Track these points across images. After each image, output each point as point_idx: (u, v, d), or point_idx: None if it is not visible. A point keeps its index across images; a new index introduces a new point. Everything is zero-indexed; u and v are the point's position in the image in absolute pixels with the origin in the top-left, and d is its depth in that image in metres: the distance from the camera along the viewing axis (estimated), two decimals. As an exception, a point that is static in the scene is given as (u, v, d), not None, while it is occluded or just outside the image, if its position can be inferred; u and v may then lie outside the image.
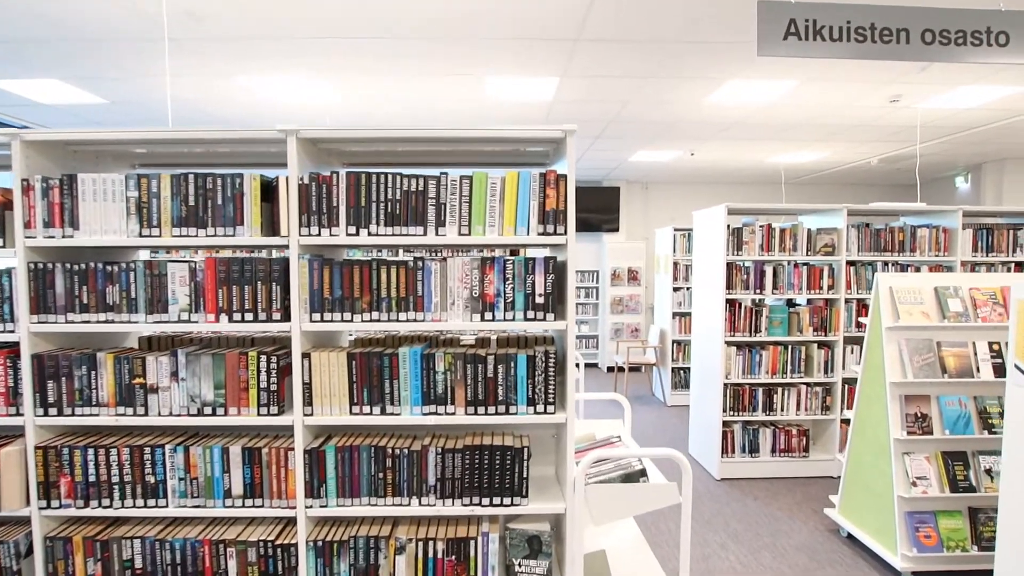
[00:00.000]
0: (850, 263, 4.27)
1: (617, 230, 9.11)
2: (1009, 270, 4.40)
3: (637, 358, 6.98)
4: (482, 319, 1.88)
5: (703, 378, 4.57)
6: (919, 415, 2.93)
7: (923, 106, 4.78)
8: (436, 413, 1.89)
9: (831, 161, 7.37)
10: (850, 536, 3.33)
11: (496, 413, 1.88)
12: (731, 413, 4.26)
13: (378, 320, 1.87)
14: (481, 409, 1.88)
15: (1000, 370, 2.96)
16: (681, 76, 4.11)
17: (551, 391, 1.88)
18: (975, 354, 2.98)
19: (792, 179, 8.92)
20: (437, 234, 1.86)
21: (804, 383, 4.30)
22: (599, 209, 9.07)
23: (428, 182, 1.85)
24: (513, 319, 1.88)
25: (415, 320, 1.88)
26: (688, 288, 6.65)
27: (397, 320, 1.88)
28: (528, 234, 1.85)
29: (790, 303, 4.48)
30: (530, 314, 1.87)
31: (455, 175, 1.86)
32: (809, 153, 6.84)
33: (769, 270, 4.19)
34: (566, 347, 1.88)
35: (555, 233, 1.85)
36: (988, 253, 4.35)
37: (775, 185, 9.39)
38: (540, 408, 1.89)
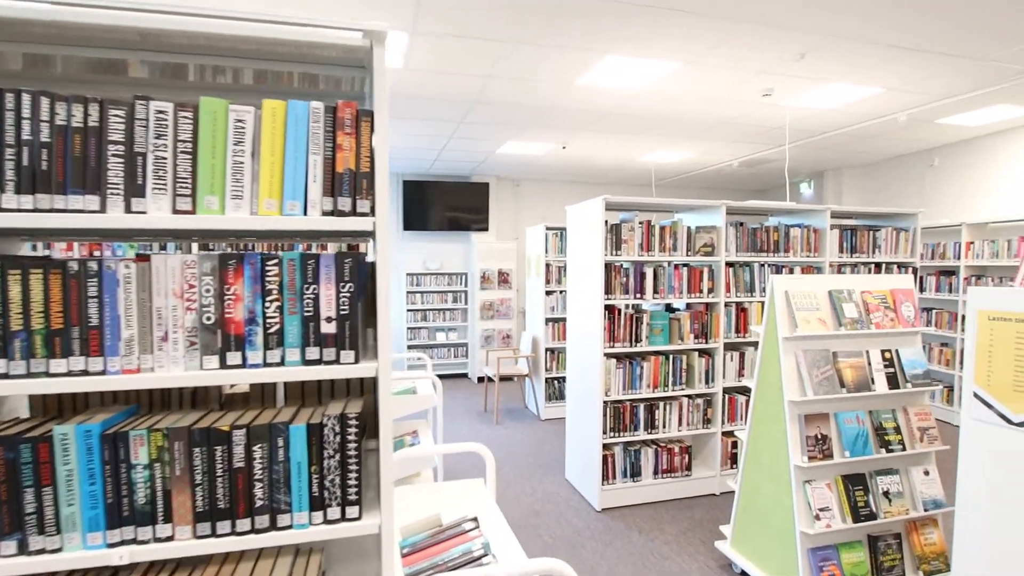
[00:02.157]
0: (728, 264, 3.98)
1: (487, 229, 8.51)
2: (870, 271, 4.40)
3: (508, 368, 6.39)
4: (222, 365, 1.05)
5: (580, 395, 4.04)
6: (819, 437, 2.57)
7: (791, 103, 4.69)
8: (136, 541, 1.03)
9: (698, 162, 7.37)
10: (744, 573, 2.93)
11: (253, 530, 1.06)
12: (611, 434, 3.76)
13: (4, 375, 0.97)
14: (224, 526, 1.05)
15: (893, 381, 2.70)
16: (552, 44, 3.53)
17: (352, 480, 1.10)
18: (869, 364, 2.69)
19: (662, 180, 8.94)
20: (129, 210, 1.00)
21: (686, 395, 3.93)
22: (468, 207, 8.41)
23: (108, 113, 0.99)
24: (281, 362, 1.07)
25: (84, 373, 1.00)
26: (562, 292, 6.19)
27: (46, 374, 0.99)
28: (304, 212, 1.06)
29: (669, 308, 4.11)
30: (312, 352, 1.08)
31: (165, 105, 1.01)
32: (679, 152, 6.72)
33: (649, 272, 3.76)
34: (386, 398, 1.12)
35: (354, 212, 1.08)
36: (852, 254, 4.30)
37: (646, 186, 9.38)
38: (335, 511, 1.10)
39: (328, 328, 1.07)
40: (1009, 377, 1.38)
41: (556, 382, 6.17)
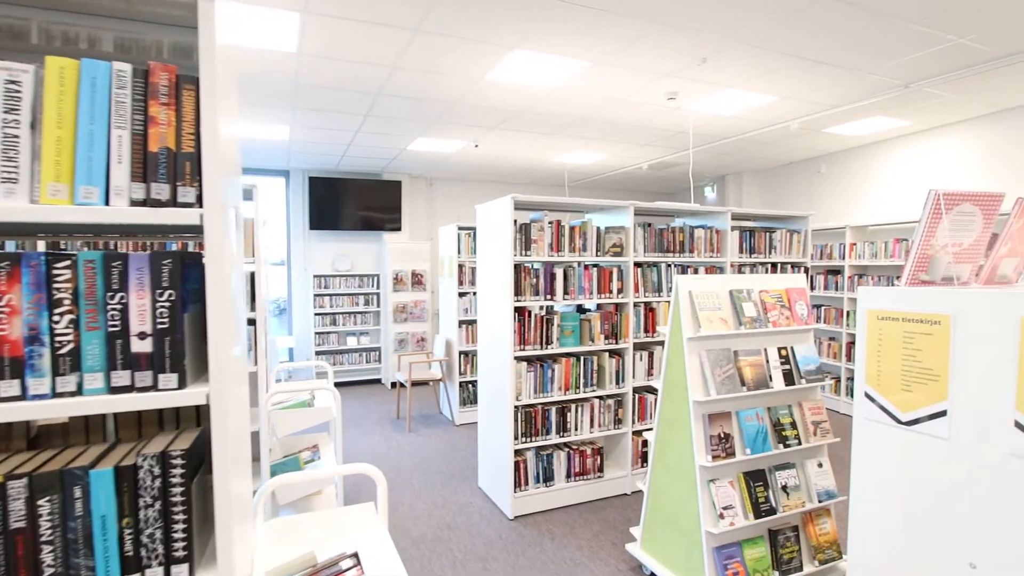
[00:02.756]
0: (637, 264, 4.01)
1: (399, 229, 8.23)
2: (767, 270, 4.60)
3: (422, 373, 6.17)
4: (-9, 397, 0.81)
5: (491, 400, 3.92)
6: (722, 436, 2.59)
7: (694, 108, 4.82)
8: None
9: (609, 164, 7.49)
10: (653, 575, 2.92)
11: (40, 606, 0.83)
12: (523, 439, 3.67)
13: None
14: (-3, 604, 0.82)
15: (789, 377, 2.79)
16: (458, 35, 3.38)
17: (179, 531, 0.89)
18: (767, 362, 2.76)
19: (575, 181, 9.03)
20: None
21: (597, 397, 3.91)
22: (380, 206, 8.08)
23: None
24: (78, 391, 0.84)
25: None
26: (475, 293, 6.05)
27: None
28: (106, 200, 0.84)
29: (580, 309, 4.08)
30: (120, 377, 0.86)
31: (-98, 55, 0.76)
32: (591, 153, 6.79)
33: (560, 272, 3.70)
34: (222, 429, 0.92)
35: (174, 202, 0.87)
36: (751, 254, 4.48)
37: (560, 187, 9.45)
38: (156, 572, 0.89)
39: (141, 346, 0.86)
40: (897, 376, 1.39)
41: (470, 386, 6.02)
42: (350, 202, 7.93)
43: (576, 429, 3.84)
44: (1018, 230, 1.48)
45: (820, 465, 2.81)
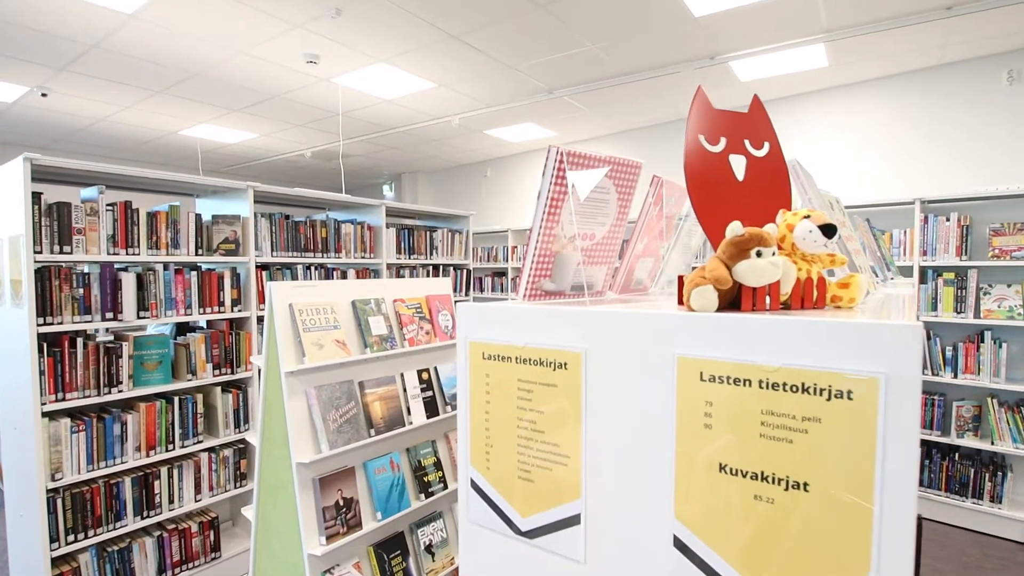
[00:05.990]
0: (262, 267, 3.07)
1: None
2: (428, 272, 4.18)
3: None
4: None
5: (16, 482, 2.47)
6: (342, 503, 1.88)
7: (342, 82, 4.10)
8: None
9: (264, 148, 6.27)
10: None
11: None
12: (73, 537, 2.36)
13: None
14: None
15: (432, 406, 2.25)
16: None
17: None
18: (404, 391, 2.17)
19: (217, 167, 7.43)
20: None
21: (205, 449, 2.83)
22: None
23: None
24: None
25: None
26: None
27: None
28: None
29: (187, 329, 2.94)
30: None
31: None
32: (233, 130, 5.49)
33: (130, 279, 2.50)
34: None
35: None
36: (411, 255, 3.99)
37: (192, 173, 7.68)
38: None
39: None
40: (514, 456, 0.83)
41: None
42: None
43: (173, 502, 2.69)
44: (656, 218, 1.07)
45: (470, 505, 2.36)
